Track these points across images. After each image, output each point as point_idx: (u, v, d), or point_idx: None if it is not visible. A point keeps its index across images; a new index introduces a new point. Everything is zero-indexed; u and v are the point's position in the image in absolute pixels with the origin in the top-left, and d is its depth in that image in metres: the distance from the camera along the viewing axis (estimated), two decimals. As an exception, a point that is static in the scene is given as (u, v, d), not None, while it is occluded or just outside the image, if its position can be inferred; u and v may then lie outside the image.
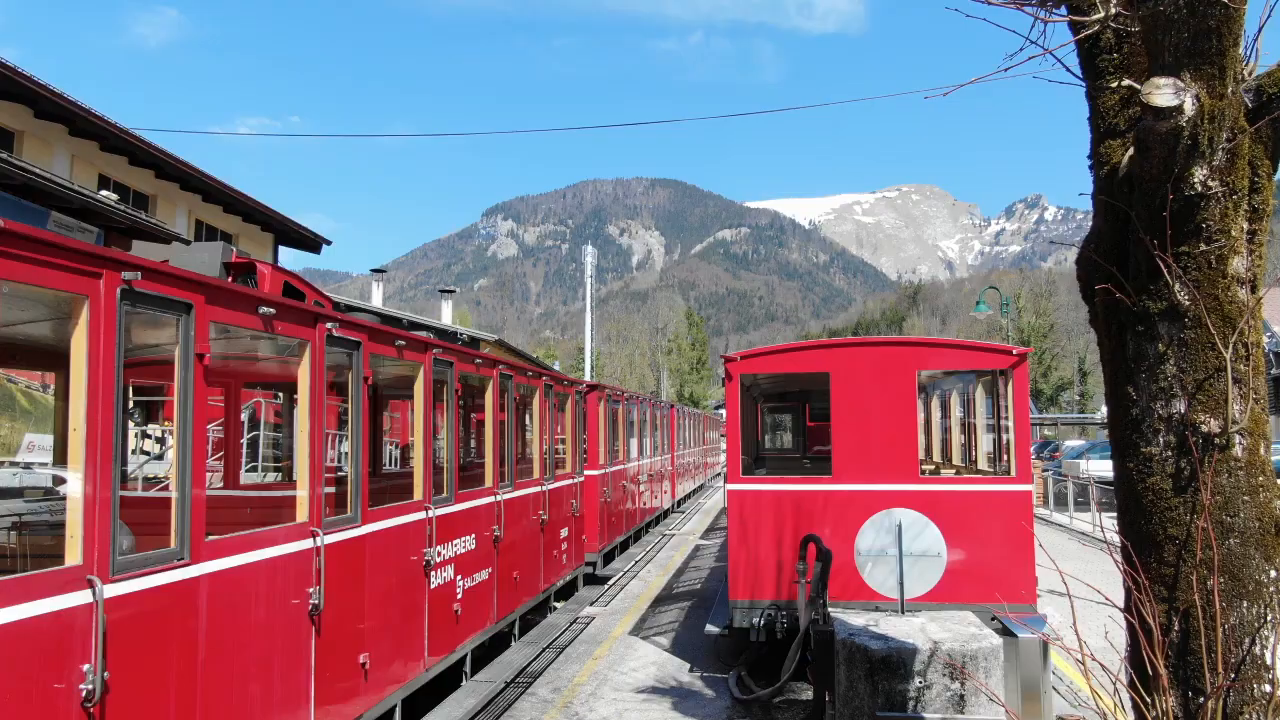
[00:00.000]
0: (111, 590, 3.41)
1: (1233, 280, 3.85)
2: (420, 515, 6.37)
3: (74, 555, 3.29)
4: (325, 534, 5.03)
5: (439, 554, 6.64)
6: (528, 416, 9.67)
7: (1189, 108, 3.56)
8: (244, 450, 12.84)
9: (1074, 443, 43.18)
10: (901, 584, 7.30)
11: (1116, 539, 4.21)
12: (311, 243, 27.91)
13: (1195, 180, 3.71)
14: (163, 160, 20.66)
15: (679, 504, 24.51)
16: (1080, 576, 16.29)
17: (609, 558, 14.48)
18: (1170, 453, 3.90)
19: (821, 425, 15.56)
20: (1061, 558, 16.44)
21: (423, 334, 6.73)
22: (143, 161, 20.58)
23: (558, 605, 11.74)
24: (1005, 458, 9.03)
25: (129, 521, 4.44)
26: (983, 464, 11.10)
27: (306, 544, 4.85)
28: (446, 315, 51.40)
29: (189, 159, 21.48)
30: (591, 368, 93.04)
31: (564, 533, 10.70)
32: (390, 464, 14.27)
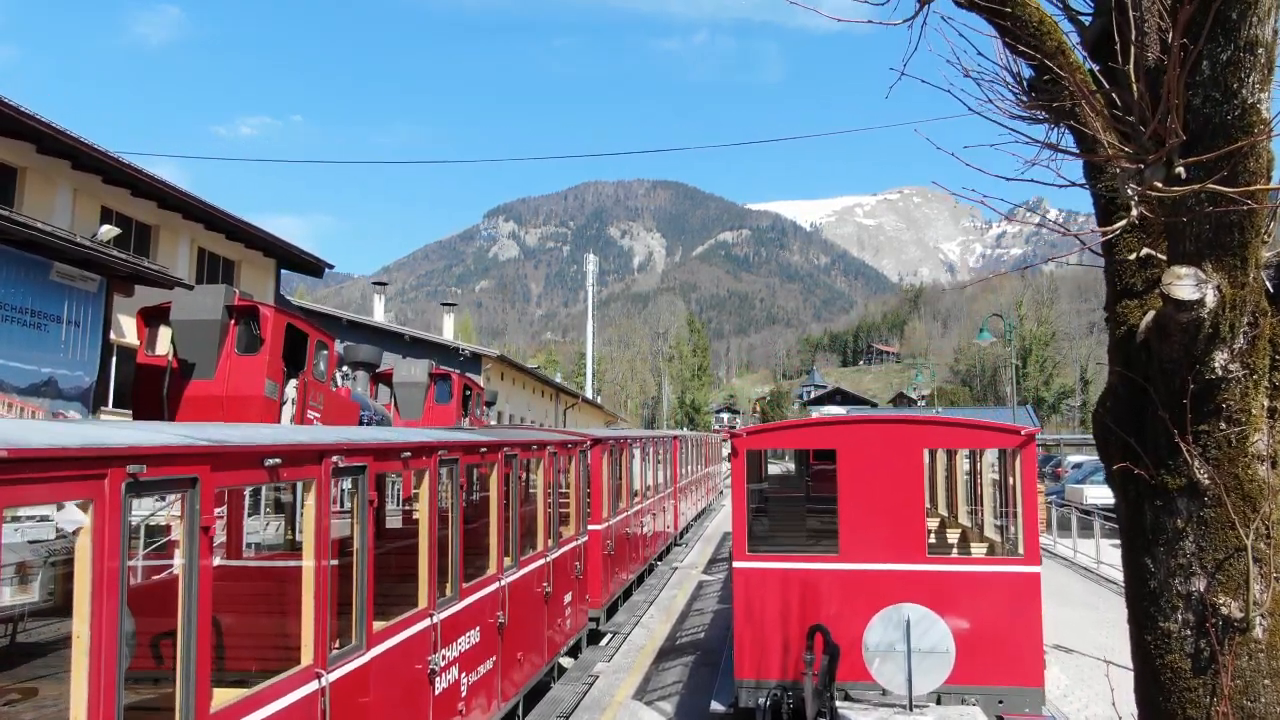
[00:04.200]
0: (113, 794, 3.35)
1: (1253, 458, 3.79)
2: (425, 624, 6.32)
3: (75, 768, 3.23)
4: (329, 671, 4.97)
5: (444, 658, 6.58)
6: (532, 486, 9.61)
7: (1210, 300, 3.50)
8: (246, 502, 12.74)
9: (1076, 458, 43.00)
10: (910, 681, 7.24)
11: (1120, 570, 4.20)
12: (313, 267, 27.90)
13: (1216, 365, 3.66)
14: (164, 192, 20.65)
15: (682, 534, 24.43)
16: (1083, 627, 15.99)
17: (612, 610, 14.41)
18: (1189, 631, 3.84)
19: (825, 466, 15.52)
20: (1065, 603, 16.44)
21: (430, 439, 6.65)
22: (144, 193, 20.55)
23: (566, 665, 11.67)
24: (1013, 536, 8.97)
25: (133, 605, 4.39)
26: (989, 528, 11.04)
27: (311, 687, 4.79)
28: (448, 329, 51.42)
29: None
30: (593, 374, 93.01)
31: (567, 598, 10.64)
32: (394, 500, 14.16)
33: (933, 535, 11.72)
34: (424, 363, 23.91)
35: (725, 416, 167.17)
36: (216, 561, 8.57)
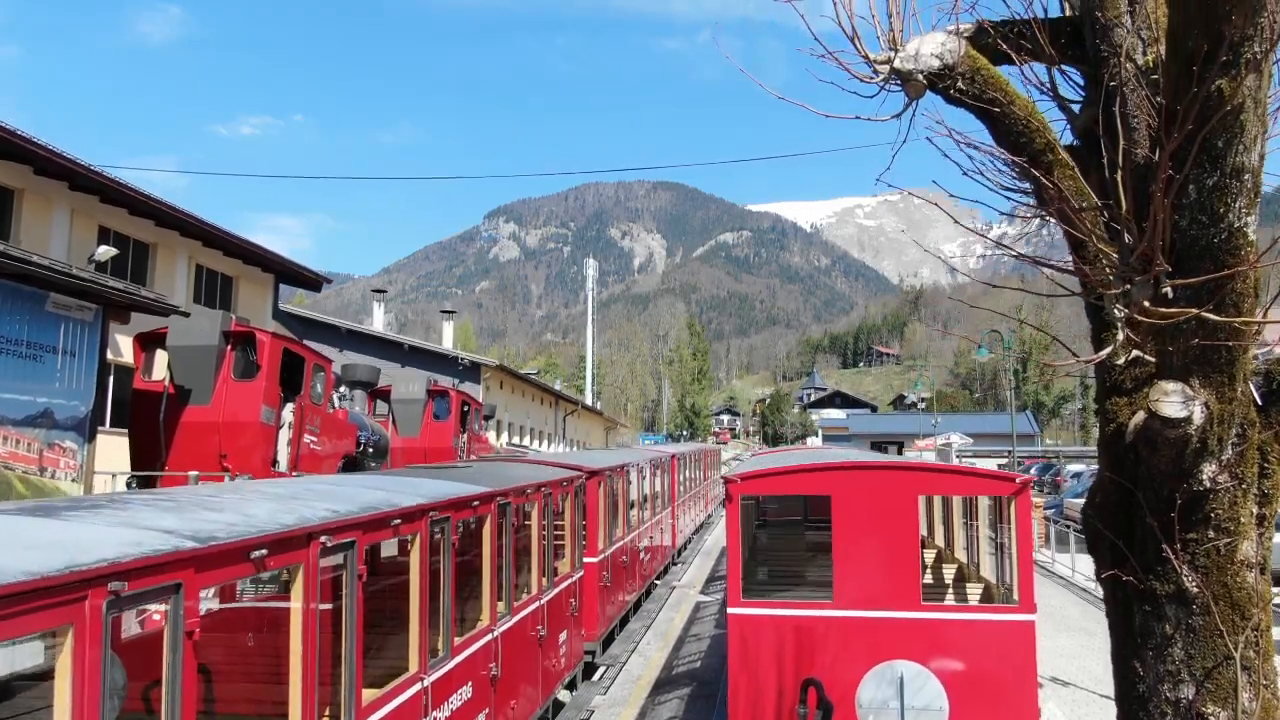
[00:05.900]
0: None
1: (1242, 566, 3.78)
2: (416, 689, 6.29)
3: None
4: (317, 756, 4.95)
5: (434, 719, 6.57)
6: (525, 530, 9.58)
7: (1198, 417, 3.49)
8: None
9: (1076, 468, 42.90)
10: (903, 739, 7.22)
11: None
12: (311, 282, 27.88)
13: (1204, 477, 3.64)
14: (161, 210, 20.64)
15: (680, 551, 24.37)
16: (1080, 656, 15.84)
17: (608, 641, 14.38)
18: (1178, 739, 3.82)
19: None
20: (1062, 627, 16.42)
21: (420, 499, 6.61)
22: (142, 212, 20.54)
23: (564, 699, 11.63)
24: (1009, 582, 8.95)
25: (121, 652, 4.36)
26: (985, 565, 11.01)
27: (297, 777, 4.78)
28: (448, 336, 51.40)
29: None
30: (593, 378, 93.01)
31: (563, 636, 10.61)
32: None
33: (929, 572, 11.71)
34: (422, 379, 23.88)
35: (725, 418, 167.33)
36: (212, 604, 8.55)
